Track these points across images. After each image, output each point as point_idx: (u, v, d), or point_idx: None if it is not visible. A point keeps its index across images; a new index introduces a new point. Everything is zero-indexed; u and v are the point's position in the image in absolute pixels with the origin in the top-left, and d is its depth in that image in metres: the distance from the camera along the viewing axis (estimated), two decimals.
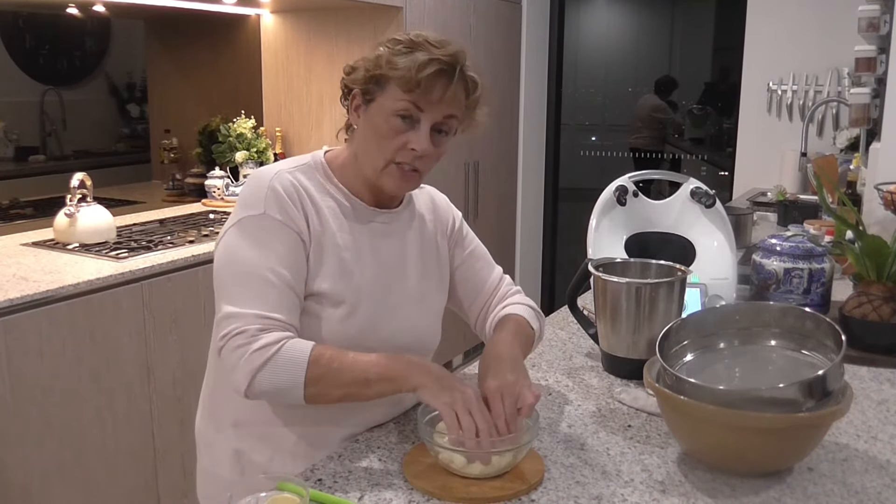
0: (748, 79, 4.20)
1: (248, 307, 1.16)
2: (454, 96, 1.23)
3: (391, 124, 1.23)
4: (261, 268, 1.18)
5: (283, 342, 1.15)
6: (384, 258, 1.32)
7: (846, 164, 3.32)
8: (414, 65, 1.19)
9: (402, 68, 1.20)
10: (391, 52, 1.22)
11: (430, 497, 1.07)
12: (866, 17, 2.82)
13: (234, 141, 3.44)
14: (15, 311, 2.02)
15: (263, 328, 1.15)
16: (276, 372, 1.14)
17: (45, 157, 4.84)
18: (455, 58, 1.23)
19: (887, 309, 1.59)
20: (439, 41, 1.24)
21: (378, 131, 1.24)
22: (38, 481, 2.10)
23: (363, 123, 1.27)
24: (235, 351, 1.15)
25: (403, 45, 1.23)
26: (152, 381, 2.39)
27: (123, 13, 4.51)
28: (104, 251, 2.48)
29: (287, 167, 1.29)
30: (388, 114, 1.23)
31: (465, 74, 1.24)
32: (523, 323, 1.41)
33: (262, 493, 0.96)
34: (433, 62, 1.20)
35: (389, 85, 1.22)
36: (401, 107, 1.22)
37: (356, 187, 1.32)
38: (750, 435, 1.07)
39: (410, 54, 1.21)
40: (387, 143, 1.24)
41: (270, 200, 1.22)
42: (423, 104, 1.22)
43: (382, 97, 1.23)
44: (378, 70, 1.22)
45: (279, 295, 1.18)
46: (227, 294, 1.20)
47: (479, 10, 4.01)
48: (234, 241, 1.22)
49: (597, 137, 8.23)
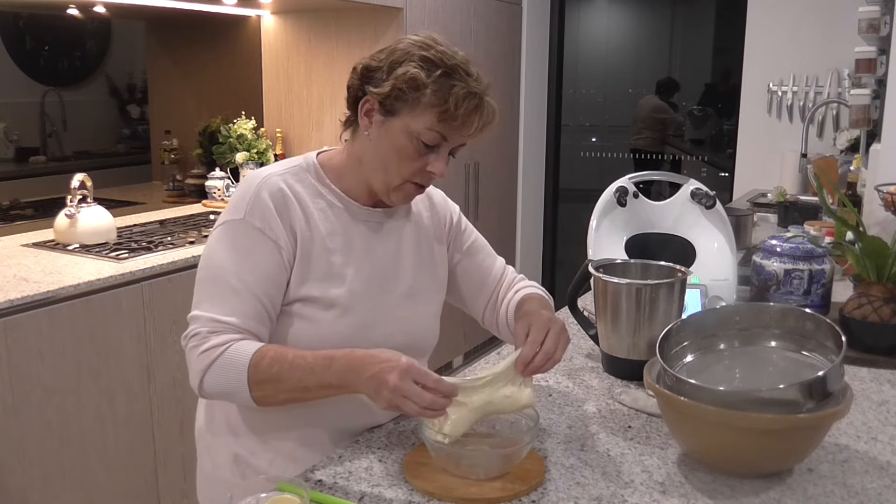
0: (748, 80, 4.20)
1: (206, 310, 1.19)
2: (481, 129, 1.23)
3: (415, 147, 1.21)
4: (227, 273, 1.20)
5: (229, 345, 1.16)
6: (378, 257, 1.31)
7: (846, 166, 3.32)
8: (456, 100, 1.17)
9: (443, 102, 1.17)
10: (428, 77, 1.18)
11: (430, 497, 1.07)
12: (866, 19, 2.82)
13: (235, 142, 3.44)
14: (15, 311, 2.02)
15: (213, 331, 1.17)
16: (221, 374, 1.15)
17: (46, 157, 4.84)
18: (486, 91, 1.21)
19: (887, 310, 1.59)
20: (470, 69, 1.21)
21: (399, 150, 1.22)
22: (38, 482, 2.10)
23: (379, 135, 1.23)
24: (190, 352, 1.18)
25: (440, 70, 1.18)
26: (152, 381, 2.39)
27: (124, 14, 4.51)
28: (104, 252, 2.48)
29: (278, 171, 1.27)
30: (414, 136, 1.20)
31: (490, 106, 1.23)
32: (544, 299, 1.43)
33: (263, 494, 0.96)
34: (472, 97, 1.19)
35: (421, 108, 1.19)
36: (431, 137, 1.20)
37: (352, 190, 1.30)
38: (750, 436, 1.07)
39: (448, 83, 1.18)
40: (407, 164, 1.22)
41: (253, 207, 1.22)
42: (452, 135, 1.21)
43: (410, 117, 1.20)
44: (414, 92, 1.18)
45: (239, 301, 1.19)
46: (196, 295, 1.23)
47: (480, 12, 4.01)
48: (213, 244, 1.24)
49: (597, 138, 8.24)
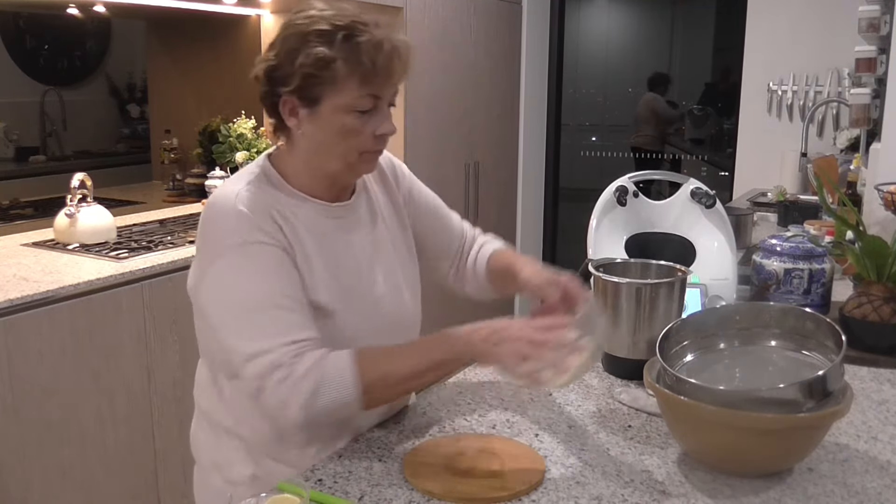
0: (748, 79, 4.20)
1: (273, 339, 1.11)
2: (404, 70, 1.18)
3: (354, 119, 1.16)
4: (268, 297, 1.13)
5: (323, 361, 1.11)
6: (358, 251, 1.28)
7: (846, 165, 3.32)
8: (369, 56, 1.12)
9: (357, 64, 1.12)
10: (331, 48, 1.12)
11: (430, 497, 1.07)
12: (866, 18, 2.82)
13: (235, 141, 3.44)
14: (15, 311, 2.02)
15: (297, 354, 1.10)
16: (327, 393, 1.10)
17: (46, 157, 4.84)
18: (393, 30, 1.16)
19: (887, 309, 1.59)
20: (363, 18, 1.14)
21: (340, 131, 1.17)
22: (37, 481, 2.09)
23: (314, 128, 1.18)
24: (280, 386, 1.09)
25: (339, 34, 1.12)
26: (152, 381, 2.39)
27: (124, 13, 4.51)
28: (104, 251, 2.48)
29: (241, 185, 1.20)
30: (346, 111, 1.15)
31: (403, 44, 1.17)
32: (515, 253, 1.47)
33: (263, 494, 0.96)
34: (382, 45, 1.13)
35: (340, 81, 1.13)
36: (363, 103, 1.15)
37: (312, 188, 1.24)
38: (750, 435, 1.07)
39: (353, 44, 1.12)
40: (354, 138, 1.18)
41: (243, 225, 1.14)
42: (382, 90, 1.16)
43: (334, 95, 1.14)
44: (326, 71, 1.12)
45: (298, 315, 1.14)
46: (237, 332, 1.13)
47: (480, 11, 4.01)
48: (226, 279, 1.15)
49: (597, 138, 8.24)
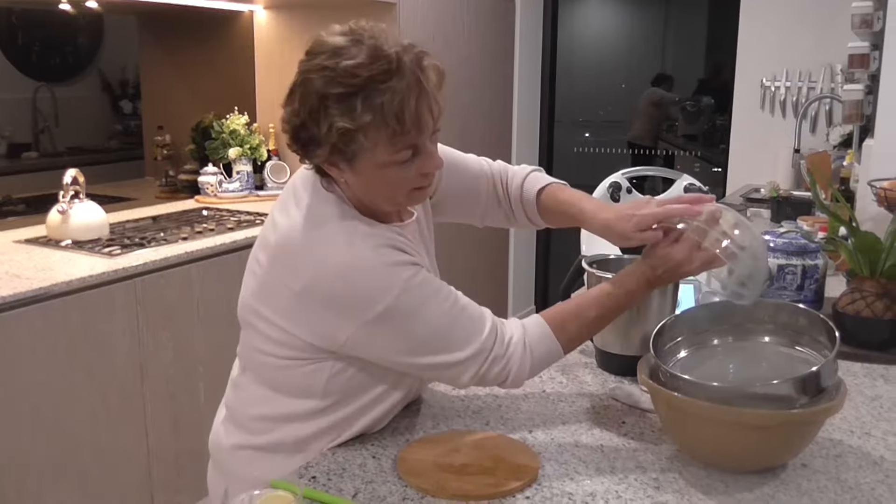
0: (741, 75, 4.20)
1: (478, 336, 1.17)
2: (439, 115, 1.11)
3: (396, 169, 1.11)
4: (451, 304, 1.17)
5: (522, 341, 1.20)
6: (428, 263, 1.30)
7: (839, 161, 3.33)
8: (395, 116, 1.05)
9: (384, 126, 1.05)
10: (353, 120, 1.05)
11: (424, 494, 1.07)
12: (859, 14, 2.82)
13: (228, 137, 3.43)
14: (7, 308, 2.01)
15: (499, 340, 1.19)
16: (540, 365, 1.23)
17: (38, 153, 4.83)
18: (415, 57, 1.08)
19: (880, 305, 1.60)
20: (379, 64, 1.05)
21: (383, 180, 1.12)
22: (31, 479, 2.09)
23: (357, 178, 1.13)
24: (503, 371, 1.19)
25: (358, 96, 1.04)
26: (146, 378, 2.38)
27: (116, 9, 4.49)
28: (97, 248, 2.47)
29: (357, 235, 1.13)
30: (385, 167, 1.10)
31: (429, 80, 1.09)
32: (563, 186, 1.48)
33: (256, 492, 0.96)
34: (406, 101, 1.05)
35: (370, 147, 1.07)
36: (401, 157, 1.10)
37: (377, 216, 1.19)
38: (744, 431, 1.07)
39: (374, 105, 1.04)
40: (400, 182, 1.13)
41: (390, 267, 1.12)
42: (418, 139, 1.10)
43: (368, 157, 1.09)
44: (353, 144, 1.07)
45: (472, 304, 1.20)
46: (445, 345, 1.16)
47: (473, 6, 4.00)
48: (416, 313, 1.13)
49: (591, 134, 8.23)
